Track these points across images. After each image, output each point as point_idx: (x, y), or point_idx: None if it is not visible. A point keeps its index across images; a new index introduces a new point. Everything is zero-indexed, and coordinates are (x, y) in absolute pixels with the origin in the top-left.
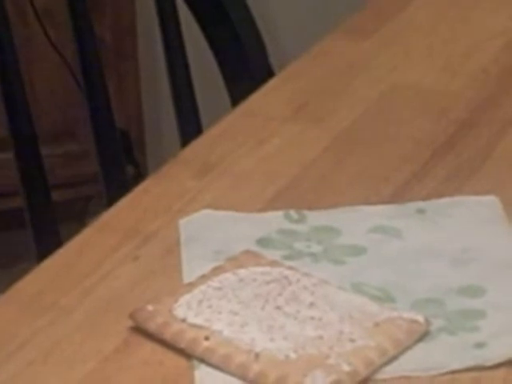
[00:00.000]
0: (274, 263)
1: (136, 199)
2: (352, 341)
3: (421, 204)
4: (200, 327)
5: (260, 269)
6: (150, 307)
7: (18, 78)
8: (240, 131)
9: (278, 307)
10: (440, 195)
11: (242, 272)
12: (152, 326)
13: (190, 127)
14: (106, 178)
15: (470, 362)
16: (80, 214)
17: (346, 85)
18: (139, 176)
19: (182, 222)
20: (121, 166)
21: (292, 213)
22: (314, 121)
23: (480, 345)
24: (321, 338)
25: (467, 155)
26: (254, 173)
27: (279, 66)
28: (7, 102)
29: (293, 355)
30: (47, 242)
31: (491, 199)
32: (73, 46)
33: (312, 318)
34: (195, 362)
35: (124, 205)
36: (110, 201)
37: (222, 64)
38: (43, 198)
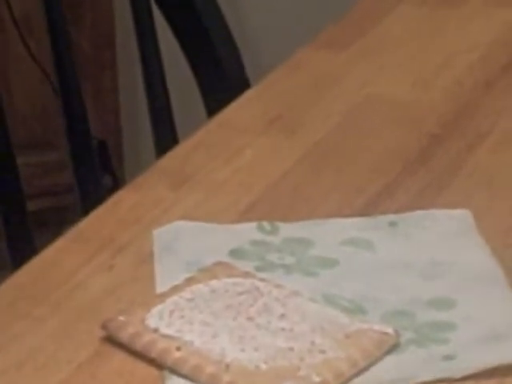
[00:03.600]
0: (246, 274)
1: (111, 209)
2: (322, 352)
3: (393, 217)
4: (171, 338)
5: (232, 280)
6: (121, 317)
7: None
8: (215, 143)
9: (250, 318)
10: (412, 208)
11: (215, 283)
12: (124, 336)
13: (166, 138)
14: (81, 188)
15: (440, 374)
16: (57, 224)
17: (319, 97)
18: (116, 186)
19: (156, 233)
20: (97, 176)
21: (265, 224)
22: (287, 133)
23: (449, 357)
24: (291, 349)
25: (439, 168)
26: (228, 184)
27: (255, 77)
28: None
29: (263, 366)
30: (22, 252)
31: (463, 212)
32: (51, 54)
33: (283, 330)
34: (166, 373)
35: (99, 215)
36: (86, 211)
37: (198, 75)
38: (18, 208)
